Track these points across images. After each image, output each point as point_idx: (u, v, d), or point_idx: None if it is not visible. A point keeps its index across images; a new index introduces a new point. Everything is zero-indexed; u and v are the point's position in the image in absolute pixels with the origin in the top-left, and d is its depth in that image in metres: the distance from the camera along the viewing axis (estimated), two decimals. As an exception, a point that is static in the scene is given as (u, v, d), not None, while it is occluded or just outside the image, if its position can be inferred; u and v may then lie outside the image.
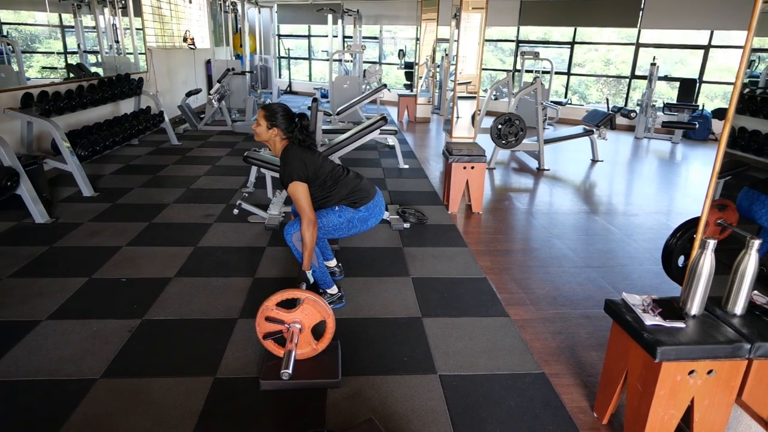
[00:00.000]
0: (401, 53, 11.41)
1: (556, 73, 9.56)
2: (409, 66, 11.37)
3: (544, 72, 9.34)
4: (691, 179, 6.17)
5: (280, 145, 2.45)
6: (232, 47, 10.24)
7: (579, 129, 6.60)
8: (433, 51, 9.39)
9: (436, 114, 9.71)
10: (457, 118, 5.51)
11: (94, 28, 6.32)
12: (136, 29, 7.14)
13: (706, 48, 8.74)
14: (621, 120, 8.63)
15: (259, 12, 11.30)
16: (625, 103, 9.63)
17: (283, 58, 13.47)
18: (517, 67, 10.18)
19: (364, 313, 2.63)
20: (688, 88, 8.68)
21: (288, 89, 12.96)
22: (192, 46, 8.88)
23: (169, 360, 2.20)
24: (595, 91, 11.79)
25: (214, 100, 7.56)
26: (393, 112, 9.97)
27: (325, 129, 6.06)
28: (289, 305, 2.11)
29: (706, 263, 1.65)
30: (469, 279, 3.08)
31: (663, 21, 8.94)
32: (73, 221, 3.78)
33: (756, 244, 1.64)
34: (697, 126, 7.88)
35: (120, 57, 6.87)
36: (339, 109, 7.92)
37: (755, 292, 1.77)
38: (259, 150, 4.28)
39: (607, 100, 9.00)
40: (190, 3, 9.04)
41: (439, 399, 2.01)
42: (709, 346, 1.57)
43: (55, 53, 5.77)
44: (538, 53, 9.08)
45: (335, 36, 11.54)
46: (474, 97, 5.43)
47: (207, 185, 4.85)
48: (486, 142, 5.36)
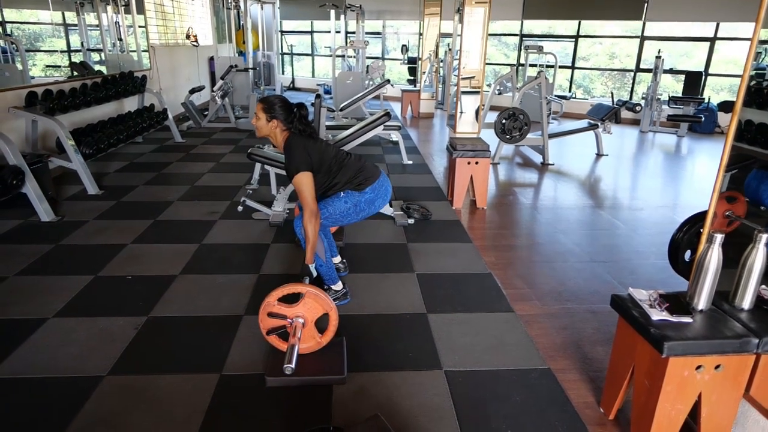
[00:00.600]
0: (404, 48, 11.37)
1: (560, 67, 9.51)
2: (412, 61, 11.33)
3: (548, 66, 9.28)
4: (697, 173, 6.13)
5: (281, 137, 2.43)
6: (234, 44, 10.23)
7: (583, 123, 6.56)
8: (436, 46, 9.35)
9: (440, 109, 9.68)
10: (460, 113, 5.51)
11: (97, 25, 6.32)
12: (139, 27, 7.15)
13: (712, 40, 8.67)
14: (626, 114, 8.56)
15: (261, 8, 11.27)
16: (630, 97, 9.56)
17: (286, 54, 13.45)
18: (521, 61, 10.13)
19: (369, 310, 2.63)
20: (694, 81, 8.61)
21: (291, 85, 12.95)
22: (195, 43, 8.88)
23: (175, 357, 2.21)
24: (599, 84, 11.71)
25: (217, 97, 7.56)
26: (396, 108, 9.95)
27: (329, 125, 6.06)
28: (292, 300, 2.10)
29: (714, 258, 1.64)
30: (474, 274, 3.07)
31: (668, 13, 8.87)
32: (79, 219, 3.79)
33: (764, 238, 1.62)
34: (702, 119, 7.83)
35: (123, 55, 6.88)
36: (342, 105, 7.91)
37: (763, 287, 1.75)
38: (263, 147, 4.28)
39: (611, 93, 8.93)
40: (193, 0, 9.03)
41: (445, 395, 2.01)
42: (716, 341, 1.56)
43: (59, 52, 5.79)
44: (542, 47, 9.04)
45: (338, 32, 11.50)
46: (478, 92, 5.42)
47: (211, 182, 4.85)
48: (490, 136, 5.34)
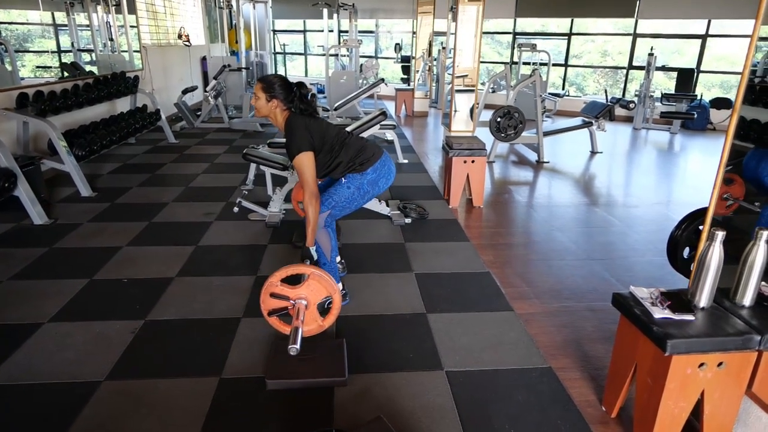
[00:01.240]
0: (398, 47, 11.35)
1: (554, 64, 9.53)
2: (405, 60, 11.31)
3: (541, 64, 9.30)
4: (690, 170, 6.16)
5: (281, 117, 2.39)
6: (227, 43, 10.16)
7: (578, 121, 6.58)
8: (430, 44, 9.34)
9: (434, 108, 9.68)
10: (455, 111, 5.49)
11: (88, 26, 6.26)
12: (131, 26, 7.08)
13: (704, 37, 8.72)
14: (619, 111, 8.61)
15: (253, 7, 11.20)
16: (623, 94, 9.61)
17: (279, 53, 13.38)
18: (514, 59, 10.14)
19: (369, 310, 2.62)
20: (686, 78, 8.66)
21: (284, 85, 12.87)
22: (187, 43, 8.82)
23: (173, 361, 2.19)
24: (592, 82, 11.76)
25: (210, 98, 7.51)
26: (390, 107, 9.93)
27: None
28: (293, 282, 2.07)
29: (715, 255, 1.64)
30: (473, 273, 3.06)
31: (660, 10, 8.91)
32: (72, 222, 3.75)
33: (765, 235, 1.62)
34: (695, 116, 7.88)
35: (115, 55, 6.81)
36: (337, 105, 7.88)
37: (763, 283, 1.76)
38: (258, 147, 4.25)
39: (605, 91, 8.98)
40: (184, -1, 8.97)
41: (447, 395, 2.00)
42: (719, 339, 1.57)
43: (49, 52, 5.72)
44: (535, 45, 9.04)
45: (331, 31, 11.47)
46: (472, 90, 5.40)
47: (206, 183, 4.82)
48: (484, 135, 5.34)
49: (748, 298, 1.70)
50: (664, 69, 9.21)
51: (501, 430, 1.83)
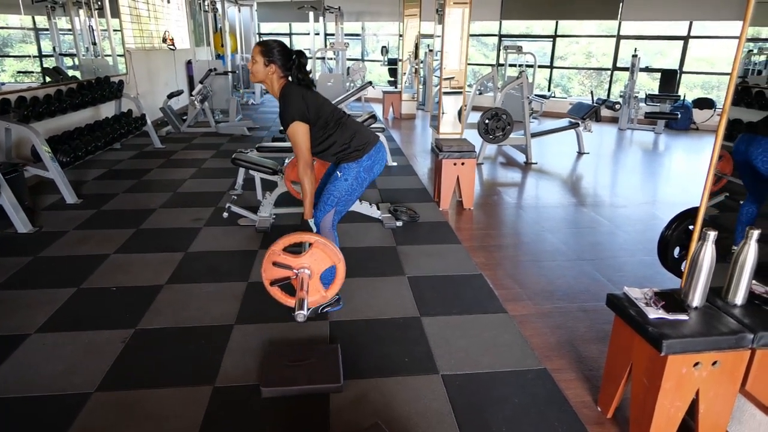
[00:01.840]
0: (384, 50, 11.36)
1: (539, 66, 9.61)
2: (392, 62, 11.33)
3: (527, 66, 9.37)
4: (675, 169, 6.25)
5: (278, 84, 2.34)
6: (212, 47, 10.10)
7: (565, 122, 6.63)
8: (416, 47, 9.36)
9: (421, 110, 9.70)
10: (443, 113, 5.50)
11: (70, 30, 6.16)
12: (114, 30, 6.99)
13: (686, 39, 8.86)
14: (605, 112, 8.71)
15: (239, 11, 11.16)
16: (608, 95, 9.72)
17: (265, 56, 13.30)
18: (500, 61, 10.21)
19: (363, 315, 2.61)
20: (669, 79, 8.79)
21: (270, 88, 12.82)
22: (172, 47, 8.73)
23: (165, 370, 2.15)
24: (577, 83, 11.88)
25: (196, 102, 7.45)
26: (378, 109, 9.93)
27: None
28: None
29: (707, 255, 1.65)
30: (465, 276, 3.07)
31: (643, 12, 9.04)
32: (58, 230, 3.68)
33: (755, 234, 1.65)
34: (679, 116, 8.00)
35: (98, 59, 6.72)
36: (324, 108, 7.84)
37: (754, 282, 1.78)
38: (247, 151, 4.22)
39: (591, 92, 9.08)
40: (168, 2, 8.88)
41: (443, 399, 1.99)
42: (713, 338, 1.58)
43: (30, 57, 5.62)
44: (521, 47, 9.12)
45: (317, 34, 11.45)
46: (459, 92, 5.43)
47: (194, 188, 4.77)
48: (472, 136, 5.36)
49: (739, 297, 1.72)
50: (647, 70, 9.34)
51: (498, 433, 1.83)
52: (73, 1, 6.06)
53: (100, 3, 6.62)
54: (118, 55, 7.12)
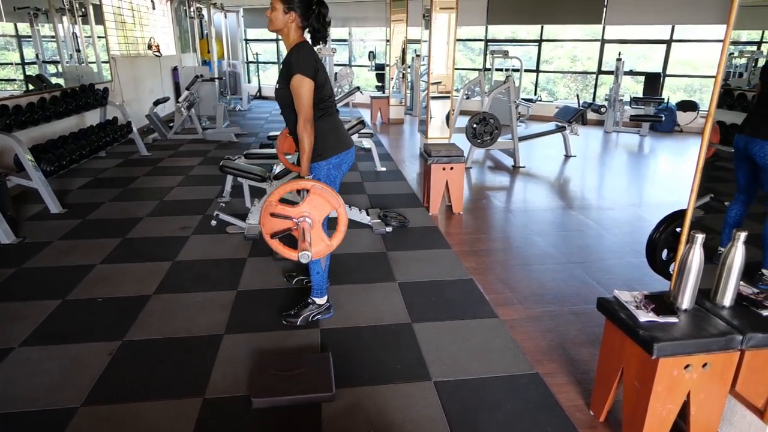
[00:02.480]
0: (371, 55, 11.38)
1: (526, 70, 9.68)
2: (379, 68, 11.35)
3: (514, 70, 9.44)
4: (661, 171, 6.32)
5: (294, 35, 2.25)
6: (199, 53, 10.03)
7: (551, 125, 6.69)
8: (403, 52, 9.39)
9: (410, 115, 9.72)
10: (431, 118, 5.52)
11: (53, 37, 6.08)
12: (98, 37, 6.92)
13: (668, 42, 8.99)
14: (590, 115, 8.80)
15: (225, 17, 11.11)
16: (593, 99, 9.82)
17: (252, 63, 13.27)
18: (487, 65, 10.27)
19: (354, 322, 2.59)
20: (653, 82, 8.92)
21: (258, 94, 12.78)
22: (157, 54, 8.66)
23: (153, 382, 2.12)
24: (562, 87, 11.99)
25: (183, 108, 7.39)
26: (366, 114, 9.93)
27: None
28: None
29: (695, 258, 1.67)
30: (456, 281, 3.06)
31: (626, 17, 9.16)
32: (42, 240, 3.62)
33: (742, 236, 1.66)
34: (663, 119, 8.10)
35: (82, 67, 6.64)
36: (312, 113, 7.82)
37: (741, 283, 1.80)
38: (235, 158, 4.19)
39: (577, 96, 9.17)
40: (154, 9, 8.82)
41: (436, 406, 1.98)
42: (703, 340, 1.59)
43: (12, 64, 5.54)
44: (507, 52, 9.17)
45: (304, 39, 11.42)
46: (447, 97, 5.44)
47: (181, 196, 4.72)
48: (460, 141, 5.38)
49: (728, 299, 1.74)
50: (631, 73, 9.46)
51: (492, 439, 1.82)
52: (57, 8, 5.98)
53: (83, 10, 6.55)
54: (103, 62, 7.04)
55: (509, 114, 6.11)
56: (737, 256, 1.67)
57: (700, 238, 1.65)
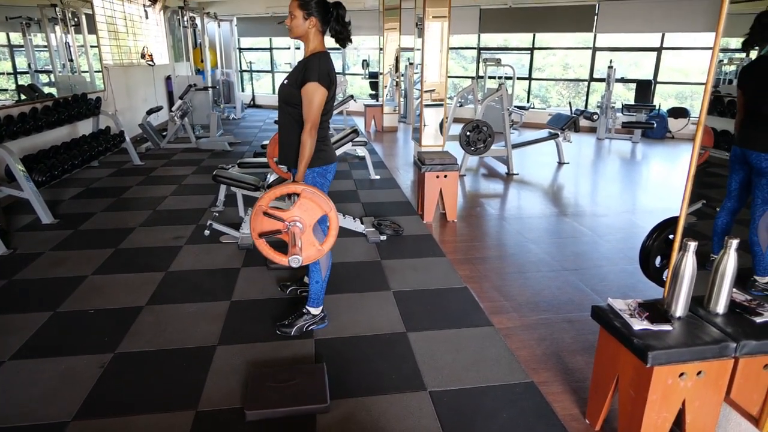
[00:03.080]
0: (365, 63, 11.42)
1: (518, 78, 9.75)
2: (373, 76, 11.39)
3: (506, 78, 9.51)
4: (653, 177, 6.37)
5: (315, 41, 2.26)
6: (192, 62, 10.03)
7: (544, 133, 6.72)
8: (396, 60, 9.43)
9: (403, 123, 9.75)
10: (424, 126, 5.54)
11: (46, 46, 6.07)
12: (91, 46, 6.91)
13: (659, 50, 9.09)
14: (583, 122, 8.86)
15: (218, 26, 11.12)
16: (585, 106, 9.89)
17: (246, 71, 13.29)
18: (480, 73, 10.34)
19: (348, 332, 2.58)
20: (644, 89, 9.00)
21: (252, 103, 12.79)
22: (151, 63, 8.66)
23: (146, 395, 2.09)
24: (554, 94, 12.07)
25: (176, 117, 7.37)
26: (359, 122, 9.95)
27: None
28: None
29: (688, 266, 1.68)
30: (450, 289, 3.06)
31: (617, 25, 9.25)
32: (33, 251, 3.58)
33: (734, 243, 1.67)
34: (655, 125, 8.17)
35: (75, 76, 6.62)
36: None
37: (734, 290, 1.80)
38: (228, 167, 4.18)
39: (569, 103, 9.23)
40: (147, 18, 8.82)
41: (432, 417, 1.97)
42: (697, 348, 1.59)
43: (4, 74, 5.52)
44: (500, 59, 9.25)
45: (297, 48, 11.48)
46: (440, 105, 5.47)
47: (174, 206, 4.69)
48: (454, 148, 5.39)
49: (721, 306, 1.74)
50: (623, 81, 9.54)
51: (488, 449, 1.81)
52: (49, 17, 5.97)
53: (76, 19, 6.55)
54: (96, 72, 7.03)
55: (502, 121, 6.14)
56: (729, 263, 1.68)
57: (693, 245, 1.66)
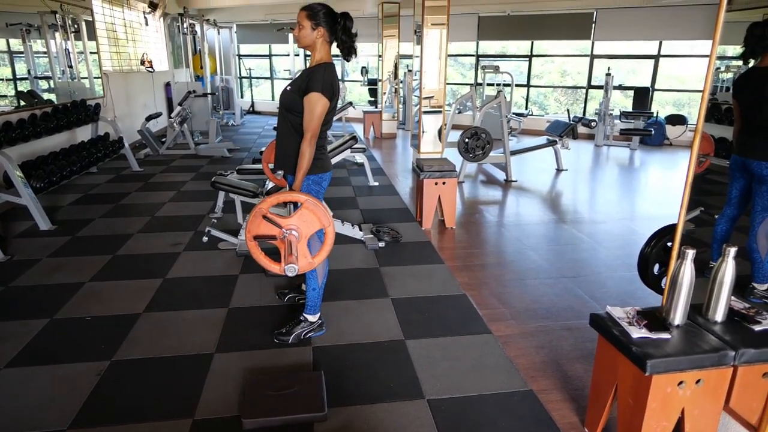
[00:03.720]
0: (364, 70, 11.46)
1: (516, 85, 9.79)
2: (372, 82, 11.43)
3: (505, 85, 9.54)
4: (652, 184, 6.38)
5: (322, 51, 2.29)
6: (192, 69, 10.06)
7: (543, 140, 6.74)
8: (395, 67, 9.47)
9: (402, 129, 9.77)
10: (423, 132, 5.56)
11: (45, 53, 6.08)
12: (91, 53, 6.92)
13: (656, 58, 9.14)
14: (581, 129, 8.89)
15: (218, 32, 11.17)
16: (584, 113, 9.93)
17: (245, 78, 13.33)
18: (479, 80, 10.38)
19: (346, 339, 2.57)
20: (642, 97, 9.04)
21: (251, 109, 12.82)
22: (150, 69, 8.68)
23: (143, 403, 2.08)
24: (553, 101, 12.12)
25: (175, 124, 7.38)
26: (358, 129, 9.98)
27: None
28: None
29: (686, 273, 1.67)
30: (449, 296, 3.05)
31: (614, 33, 9.31)
32: (31, 258, 3.57)
33: (732, 251, 1.67)
34: (652, 132, 8.20)
35: (74, 82, 6.63)
36: (305, 128, 7.84)
37: (733, 298, 1.80)
38: (227, 173, 4.18)
39: (567, 110, 9.27)
40: (147, 25, 8.86)
41: (430, 425, 1.96)
42: (696, 356, 1.59)
43: (4, 80, 5.53)
44: (498, 67, 9.28)
45: (296, 55, 11.52)
46: (439, 112, 5.49)
47: (173, 212, 4.69)
48: (453, 155, 5.40)
49: (719, 314, 1.74)
50: (621, 88, 9.59)
51: (486, 458, 1.80)
52: (49, 24, 5.99)
53: (76, 26, 6.56)
54: (95, 78, 7.04)
55: (501, 128, 6.16)
56: (728, 271, 1.68)
57: (691, 254, 1.66)
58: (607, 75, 8.35)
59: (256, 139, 8.92)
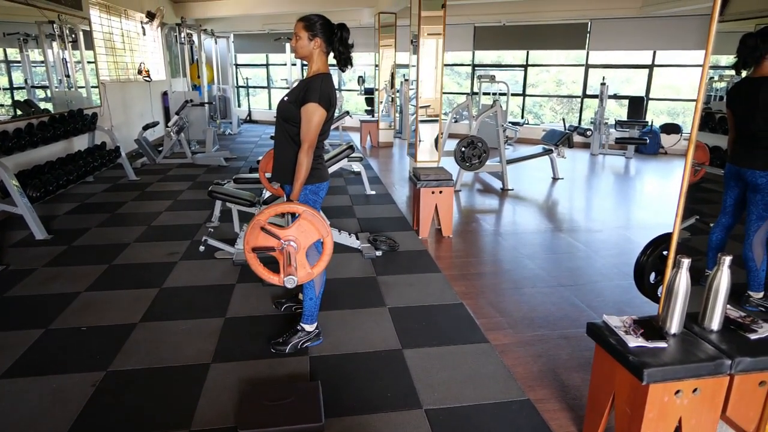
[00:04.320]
0: (361, 79, 11.52)
1: (512, 94, 9.86)
2: (369, 92, 11.48)
3: (501, 94, 9.60)
4: (647, 192, 6.41)
5: (319, 62, 2.30)
6: (189, 78, 10.09)
7: (539, 148, 6.77)
8: (392, 76, 9.52)
9: (399, 138, 9.80)
10: (419, 141, 5.59)
11: (43, 62, 6.09)
12: (88, 62, 6.94)
13: (650, 67, 9.22)
14: (577, 138, 8.95)
15: (215, 42, 11.22)
16: (579, 122, 9.99)
17: (242, 87, 13.37)
18: (474, 90, 10.44)
19: (343, 349, 2.56)
20: (637, 106, 9.12)
21: (248, 118, 12.85)
22: (147, 78, 8.70)
23: (138, 415, 2.06)
24: (548, 110, 12.19)
25: (172, 133, 7.39)
26: (355, 138, 10.01)
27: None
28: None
29: (682, 282, 1.68)
30: (446, 305, 3.05)
31: (609, 43, 9.40)
32: (26, 267, 3.56)
33: (727, 260, 1.68)
34: (647, 141, 8.26)
35: (71, 91, 6.64)
36: (301, 137, 7.85)
37: (728, 306, 1.81)
38: (224, 182, 4.18)
39: (563, 119, 9.32)
40: (144, 35, 8.89)
41: (427, 435, 1.95)
42: (693, 365, 1.59)
43: (1, 89, 5.53)
44: (494, 76, 9.35)
45: (293, 64, 11.57)
46: (435, 121, 5.51)
47: (169, 221, 4.68)
48: (449, 164, 5.42)
49: (715, 323, 1.75)
50: (615, 97, 9.67)
51: (484, 469, 1.79)
52: (47, 33, 6.01)
53: (74, 35, 6.58)
54: (92, 87, 7.05)
55: (497, 137, 6.19)
56: (723, 280, 1.69)
57: (686, 262, 1.67)
58: (602, 84, 8.42)
59: (253, 148, 8.94)
